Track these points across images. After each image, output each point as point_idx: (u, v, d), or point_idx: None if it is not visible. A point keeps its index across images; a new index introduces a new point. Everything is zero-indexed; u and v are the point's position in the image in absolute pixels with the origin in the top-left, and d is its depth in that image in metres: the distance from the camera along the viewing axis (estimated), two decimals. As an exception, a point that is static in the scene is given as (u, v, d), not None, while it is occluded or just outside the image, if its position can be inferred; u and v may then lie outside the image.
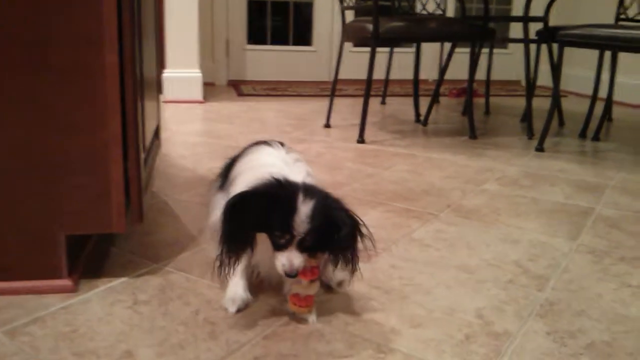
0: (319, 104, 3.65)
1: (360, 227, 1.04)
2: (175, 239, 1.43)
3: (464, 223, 1.63)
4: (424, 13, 3.36)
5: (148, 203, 1.59)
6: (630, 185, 2.10)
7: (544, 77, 4.10)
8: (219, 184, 1.25)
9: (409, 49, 4.93)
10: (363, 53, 4.70)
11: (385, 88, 3.93)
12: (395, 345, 1.00)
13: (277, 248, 1.01)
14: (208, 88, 4.00)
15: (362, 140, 2.63)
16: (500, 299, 1.19)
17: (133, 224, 1.16)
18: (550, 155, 2.53)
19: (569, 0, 3.18)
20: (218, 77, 4.46)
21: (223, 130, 2.81)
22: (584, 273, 1.33)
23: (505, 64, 4.97)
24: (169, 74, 3.55)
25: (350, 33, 2.79)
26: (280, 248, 1.00)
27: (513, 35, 4.45)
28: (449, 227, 1.60)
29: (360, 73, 4.58)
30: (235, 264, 1.05)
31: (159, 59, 2.11)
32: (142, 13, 1.25)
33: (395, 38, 2.61)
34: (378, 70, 2.69)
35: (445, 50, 3.86)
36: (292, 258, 1.00)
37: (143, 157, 1.20)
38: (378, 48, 2.60)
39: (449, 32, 2.66)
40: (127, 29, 1.07)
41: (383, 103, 3.90)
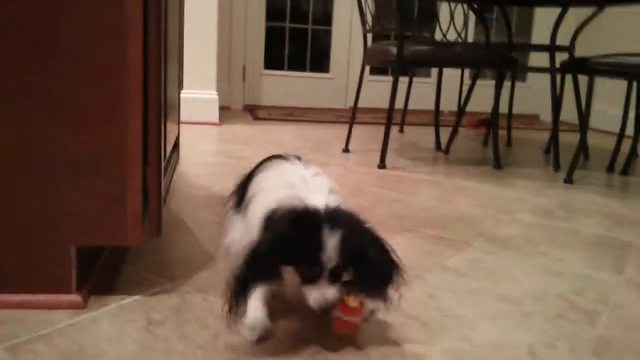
0: (336, 130, 3.56)
1: (395, 262, 0.95)
2: (192, 258, 1.32)
3: (501, 253, 1.52)
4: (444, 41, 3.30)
5: (164, 217, 1.49)
6: (670, 221, 1.99)
7: (566, 111, 4.00)
8: (234, 203, 1.15)
9: (428, 79, 4.88)
10: (380, 82, 4.65)
11: (404, 116, 3.85)
12: (441, 382, 0.88)
13: (306, 282, 0.92)
14: (224, 112, 3.93)
15: (383, 166, 2.54)
16: (551, 335, 1.07)
17: (150, 237, 1.06)
18: (580, 188, 2.42)
19: (591, 31, 3.10)
20: (234, 101, 4.40)
21: (239, 151, 2.72)
22: (637, 309, 1.21)
23: (524, 98, 4.89)
24: (186, 95, 3.48)
25: (373, 56, 2.72)
26: (310, 282, 0.92)
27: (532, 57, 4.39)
28: (486, 256, 1.48)
29: (377, 102, 4.52)
30: (244, 305, 0.93)
31: (180, 73, 2.04)
32: (167, 11, 1.17)
33: (419, 62, 2.54)
34: (396, 100, 2.61)
35: (465, 82, 3.79)
36: (324, 292, 0.91)
37: (164, 163, 1.10)
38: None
39: (474, 57, 2.59)
40: (152, 22, 0.98)
41: (401, 131, 3.81)
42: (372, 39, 2.90)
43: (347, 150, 2.88)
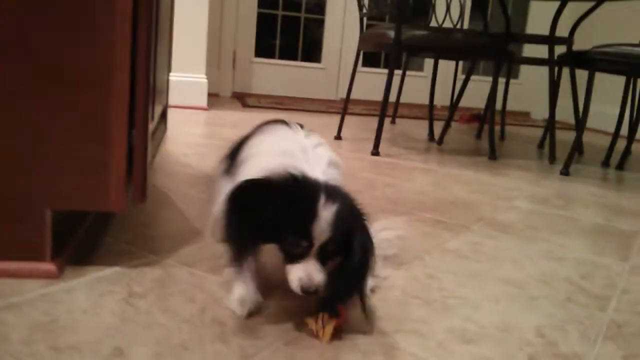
0: (327, 119, 3.49)
1: (373, 255, 0.87)
2: (178, 233, 1.25)
3: (501, 237, 1.45)
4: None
5: (150, 187, 1.41)
6: (671, 213, 1.94)
7: (558, 110, 3.95)
8: (225, 167, 1.06)
9: (421, 73, 4.82)
10: (372, 74, 4.58)
11: (396, 108, 3.78)
12: (447, 362, 0.82)
13: (290, 259, 0.82)
14: (212, 98, 3.84)
15: (376, 153, 2.47)
16: (560, 318, 1.01)
17: (135, 203, 0.98)
18: (577, 180, 2.37)
19: (590, 24, 3.04)
20: (223, 88, 4.31)
21: (227, 134, 2.64)
22: (648, 296, 1.15)
23: (516, 95, 4.84)
24: (174, 78, 3.39)
25: (369, 41, 2.65)
26: (295, 259, 0.82)
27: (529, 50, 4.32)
28: (486, 239, 1.42)
29: (369, 94, 4.45)
30: (247, 257, 0.87)
31: (170, 44, 1.95)
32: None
33: (417, 46, 2.47)
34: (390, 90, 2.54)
35: (459, 77, 3.73)
36: (311, 271, 0.81)
37: (151, 127, 1.02)
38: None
39: (473, 44, 2.52)
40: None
41: (393, 122, 3.75)
42: (366, 28, 2.82)
43: (339, 138, 2.81)
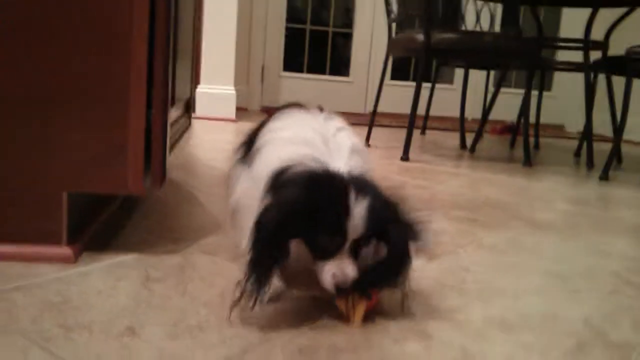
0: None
1: (412, 247, 0.81)
2: (200, 225, 1.20)
3: (540, 234, 1.37)
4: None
5: (172, 183, 1.37)
6: None
7: (595, 123, 3.83)
8: (241, 155, 1.00)
9: (450, 86, 4.75)
10: (400, 87, 4.54)
11: (426, 119, 3.72)
12: (487, 349, 0.75)
13: (321, 257, 0.78)
14: (241, 112, 3.82)
15: (406, 158, 2.41)
16: (609, 309, 0.93)
17: (153, 187, 0.94)
18: (616, 184, 2.27)
19: (628, 26, 2.95)
20: (251, 102, 4.30)
21: (256, 142, 2.61)
22: (703, 291, 1.06)
23: (549, 107, 4.73)
24: (203, 90, 3.40)
25: (397, 45, 2.60)
26: (327, 256, 0.77)
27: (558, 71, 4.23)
28: (524, 236, 1.34)
29: (397, 107, 4.40)
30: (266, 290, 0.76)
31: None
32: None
33: (447, 50, 2.41)
34: (419, 102, 2.50)
35: (490, 89, 3.66)
36: (345, 267, 0.76)
37: (172, 115, 0.98)
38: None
39: (504, 47, 2.45)
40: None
41: (423, 133, 3.68)
42: (395, 34, 2.78)
43: (368, 145, 2.76)
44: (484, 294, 0.95)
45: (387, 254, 0.78)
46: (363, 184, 0.77)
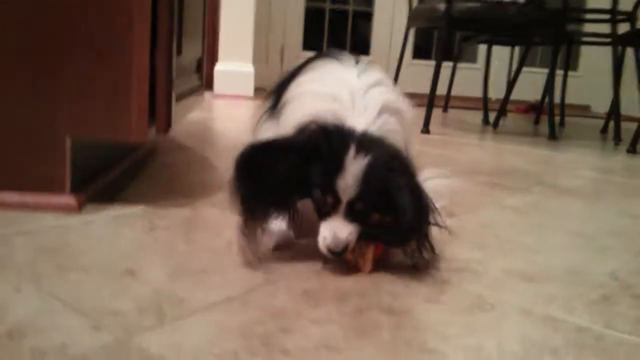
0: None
1: (429, 209, 0.74)
2: (212, 183, 1.17)
3: (565, 198, 1.32)
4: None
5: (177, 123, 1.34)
6: None
7: (622, 102, 3.72)
8: (270, 105, 0.97)
9: (473, 65, 4.66)
10: (422, 66, 4.46)
11: (448, 97, 3.64)
12: (505, 298, 0.70)
13: (320, 216, 0.74)
14: (259, 93, 3.79)
15: (427, 130, 2.35)
16: (636, 265, 0.88)
17: (158, 133, 0.91)
18: (646, 158, 2.18)
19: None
20: (271, 82, 4.25)
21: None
22: None
23: (575, 88, 4.62)
24: (221, 68, 3.37)
25: (418, 16, 2.54)
26: (322, 216, 0.73)
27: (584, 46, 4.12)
28: (548, 200, 1.29)
29: (419, 87, 4.32)
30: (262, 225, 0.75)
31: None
32: None
33: (470, 20, 2.34)
34: (440, 83, 2.44)
35: (514, 69, 3.56)
36: (337, 229, 0.71)
37: (176, 52, 0.95)
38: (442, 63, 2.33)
39: (530, 16, 2.37)
40: None
41: (445, 111, 3.61)
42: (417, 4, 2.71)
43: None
44: (504, 248, 0.90)
45: (398, 223, 0.72)
46: (370, 143, 0.71)
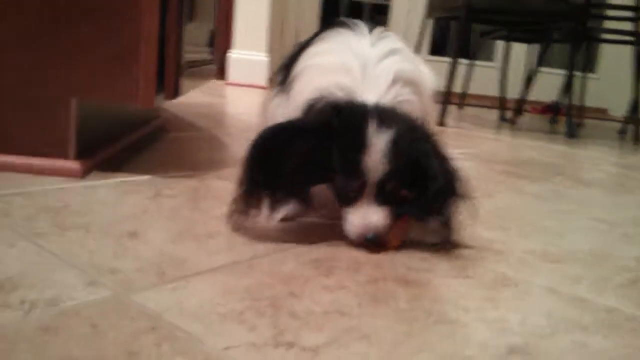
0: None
1: (458, 177, 0.70)
2: (221, 159, 1.14)
3: (586, 189, 1.27)
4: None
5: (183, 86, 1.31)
6: None
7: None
8: (280, 80, 0.89)
9: (490, 63, 4.60)
10: (439, 63, 4.40)
11: (464, 96, 3.59)
12: (529, 277, 0.66)
13: (343, 203, 0.68)
14: (273, 82, 3.76)
15: (442, 123, 2.30)
16: (665, 252, 0.83)
17: (166, 99, 0.87)
18: (667, 158, 2.13)
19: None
20: (285, 73, 4.23)
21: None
22: None
23: (592, 90, 4.54)
24: (235, 55, 3.34)
25: (437, 6, 2.49)
26: (349, 202, 0.68)
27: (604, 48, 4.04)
28: (568, 189, 1.24)
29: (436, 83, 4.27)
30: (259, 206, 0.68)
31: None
32: None
33: (490, 10, 2.29)
34: (456, 81, 2.39)
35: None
36: (368, 215, 0.66)
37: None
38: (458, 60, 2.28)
39: (551, 9, 2.32)
40: None
41: (461, 108, 3.56)
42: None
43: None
44: (525, 231, 0.86)
45: (424, 190, 0.67)
46: (388, 115, 0.66)
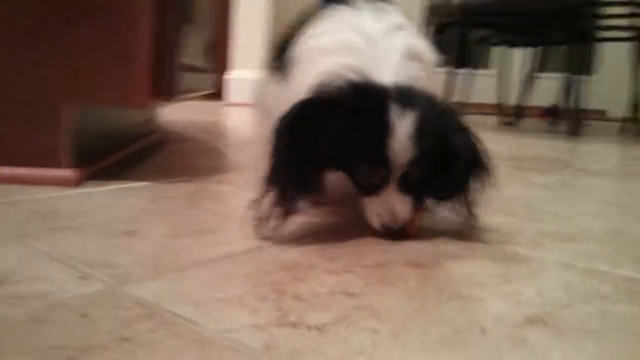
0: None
1: (483, 154, 0.66)
2: (220, 166, 1.12)
3: (595, 179, 1.24)
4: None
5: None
6: None
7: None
8: (275, 66, 0.83)
9: (488, 72, 4.59)
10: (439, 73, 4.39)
11: (463, 105, 3.57)
12: (544, 255, 0.63)
13: (365, 192, 0.64)
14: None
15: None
16: (682, 229, 0.80)
17: (163, 100, 0.85)
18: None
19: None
20: (283, 93, 4.23)
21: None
22: None
23: (590, 92, 4.51)
24: (232, 76, 3.34)
25: (436, 11, 2.49)
26: (372, 191, 0.64)
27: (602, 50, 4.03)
28: (577, 179, 1.21)
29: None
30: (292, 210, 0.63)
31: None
32: None
33: (488, 12, 2.29)
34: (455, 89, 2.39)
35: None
36: (393, 204, 0.62)
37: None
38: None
39: (552, 6, 2.31)
40: None
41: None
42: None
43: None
44: (536, 216, 0.83)
45: (448, 168, 0.64)
46: (411, 95, 0.62)
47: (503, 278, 0.54)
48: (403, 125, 0.60)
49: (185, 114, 2.02)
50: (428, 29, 2.48)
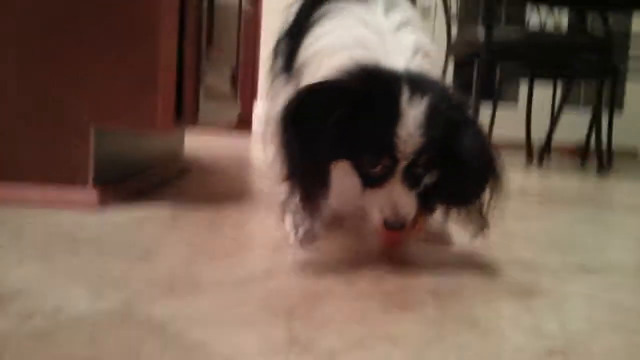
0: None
1: (497, 159, 0.65)
2: (241, 194, 1.12)
3: (623, 214, 1.22)
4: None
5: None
6: None
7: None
8: (281, 66, 0.77)
9: (514, 105, 4.56)
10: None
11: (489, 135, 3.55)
12: (565, 286, 0.61)
13: (369, 184, 0.60)
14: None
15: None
16: None
17: (185, 125, 0.86)
18: None
19: None
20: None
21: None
22: None
23: (619, 130, 4.44)
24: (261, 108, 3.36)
25: (458, 46, 2.49)
26: (375, 183, 0.60)
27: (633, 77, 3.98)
28: (604, 214, 1.19)
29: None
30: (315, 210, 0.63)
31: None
32: None
33: (511, 49, 2.28)
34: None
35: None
36: (396, 199, 0.58)
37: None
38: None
39: (576, 42, 2.30)
40: None
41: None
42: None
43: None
44: (559, 246, 0.81)
45: (458, 165, 0.60)
46: (422, 82, 0.59)
47: (524, 309, 0.52)
48: (412, 112, 0.56)
49: (212, 143, 2.04)
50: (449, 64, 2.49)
